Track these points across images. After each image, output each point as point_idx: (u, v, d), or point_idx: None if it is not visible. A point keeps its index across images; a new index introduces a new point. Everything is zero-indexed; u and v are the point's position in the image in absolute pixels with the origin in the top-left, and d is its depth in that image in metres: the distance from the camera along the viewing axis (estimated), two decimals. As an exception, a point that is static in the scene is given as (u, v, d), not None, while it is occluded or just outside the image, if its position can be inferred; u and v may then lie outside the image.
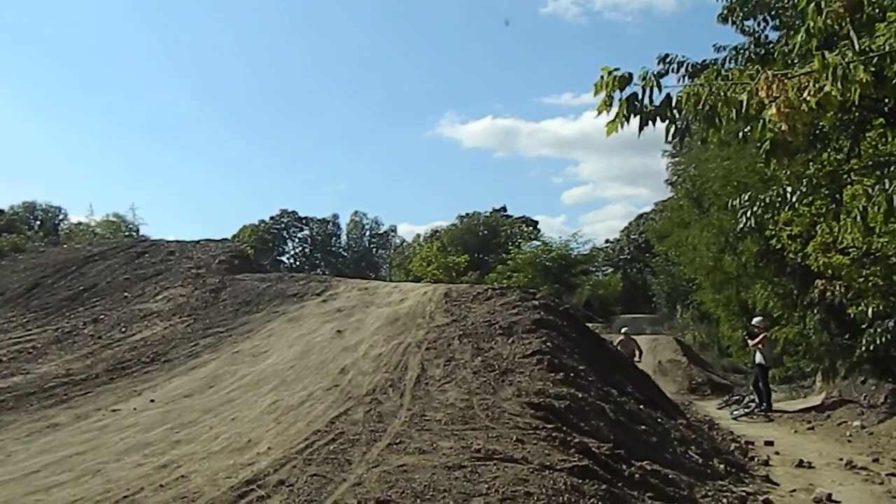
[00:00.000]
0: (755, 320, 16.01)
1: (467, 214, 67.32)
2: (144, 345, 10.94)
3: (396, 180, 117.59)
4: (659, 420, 9.06)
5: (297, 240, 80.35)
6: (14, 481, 5.59)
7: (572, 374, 8.26)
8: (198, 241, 18.60)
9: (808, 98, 4.25)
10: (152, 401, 7.97)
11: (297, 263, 73.70)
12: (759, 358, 15.29)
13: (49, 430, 7.48)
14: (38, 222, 54.32)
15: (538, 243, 51.05)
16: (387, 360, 8.54)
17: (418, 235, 76.17)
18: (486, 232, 64.21)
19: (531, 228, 65.81)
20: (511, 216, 70.22)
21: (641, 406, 9.13)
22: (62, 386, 9.21)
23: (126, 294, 14.39)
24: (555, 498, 5.31)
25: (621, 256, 59.43)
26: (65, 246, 20.84)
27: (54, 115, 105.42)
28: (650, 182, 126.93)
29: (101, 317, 12.96)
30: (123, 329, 12.07)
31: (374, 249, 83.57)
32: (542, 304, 10.57)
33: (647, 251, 47.04)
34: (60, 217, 60.96)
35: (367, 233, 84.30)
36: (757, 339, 15.32)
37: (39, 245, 22.88)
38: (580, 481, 5.69)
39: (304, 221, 79.74)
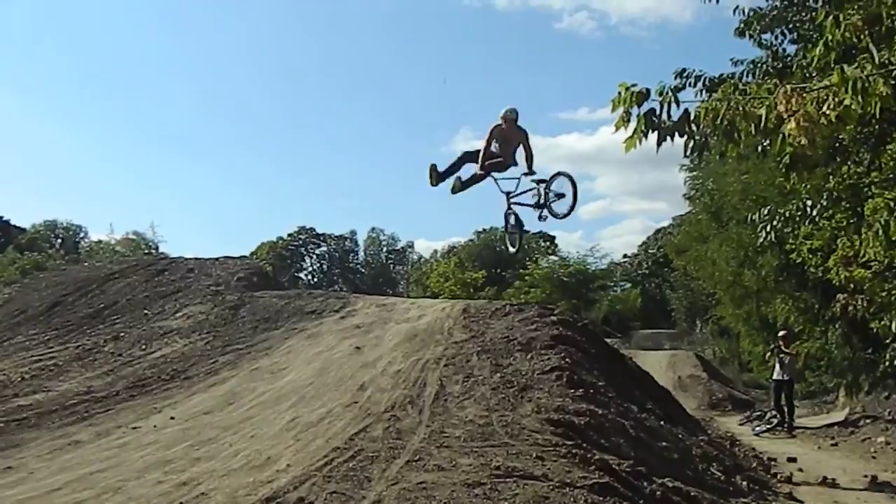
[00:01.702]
0: (780, 333, 15.82)
1: (484, 230, 67.24)
2: (164, 362, 11.00)
3: (413, 196, 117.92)
4: (680, 436, 8.97)
5: (315, 256, 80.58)
6: (36, 499, 5.63)
7: (591, 391, 8.21)
8: (217, 259, 18.71)
9: (828, 112, 4.22)
10: (172, 418, 8.00)
11: (316, 280, 73.81)
12: (777, 374, 15.11)
13: (70, 447, 7.54)
14: (60, 240, 54.73)
15: (555, 259, 50.96)
16: (405, 376, 8.53)
17: (435, 251, 76.14)
18: (503, 248, 64.09)
19: (548, 244, 65.69)
20: (528, 231, 69.95)
21: (662, 422, 9.05)
22: (83, 403, 9.28)
23: (146, 312, 14.49)
24: (575, 516, 5.28)
25: (639, 271, 59.03)
26: (85, 264, 21.04)
27: (75, 132, 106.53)
28: (668, 196, 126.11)
29: (122, 334, 13.06)
30: (143, 346, 12.14)
31: (392, 265, 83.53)
32: (561, 319, 10.53)
33: (666, 266, 46.70)
34: (81, 235, 61.39)
35: (385, 249, 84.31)
36: (786, 347, 15.09)
37: (61, 263, 23.09)
38: (601, 499, 5.65)
39: (321, 238, 79.95)
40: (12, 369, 11.41)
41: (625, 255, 65.03)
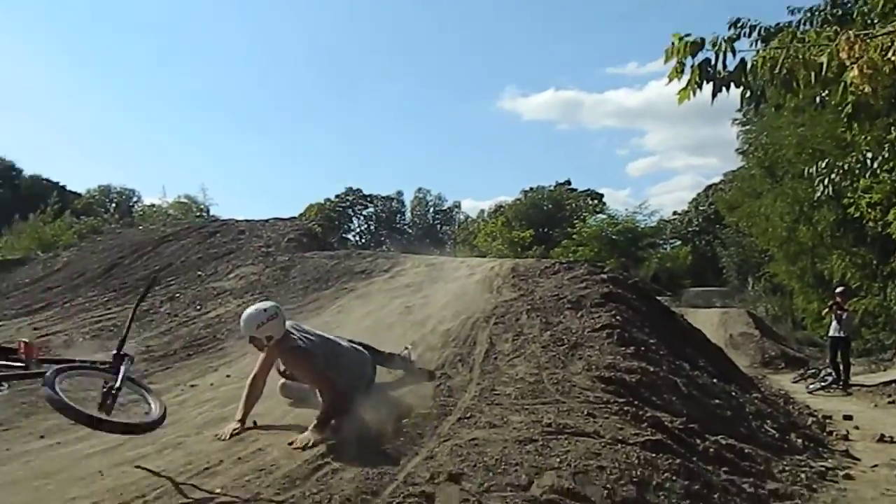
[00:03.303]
0: (838, 290, 15.48)
1: (531, 189, 66.90)
2: (219, 322, 11.19)
3: (459, 155, 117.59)
4: (733, 394, 8.87)
5: (362, 217, 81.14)
6: (101, 453, 5.80)
7: (643, 348, 8.14)
8: (267, 221, 18.89)
9: (892, 58, 4.06)
10: (228, 376, 8.16)
11: (363, 241, 74.43)
12: (834, 331, 14.84)
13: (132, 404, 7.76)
14: (114, 205, 55.95)
15: (604, 217, 50.48)
16: (455, 335, 8.56)
17: (482, 211, 76.11)
18: (550, 206, 63.72)
19: (596, 202, 65.09)
20: (575, 190, 69.49)
21: (714, 380, 8.96)
22: (142, 362, 9.49)
23: (200, 273, 14.74)
24: (628, 472, 5.28)
25: (690, 228, 58.19)
26: (140, 227, 21.46)
27: (128, 99, 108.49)
28: (719, 152, 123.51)
29: (177, 295, 13.32)
30: (198, 307, 12.37)
31: (439, 226, 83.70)
32: (611, 277, 10.43)
33: (717, 223, 46.01)
34: (134, 199, 62.80)
35: (431, 209, 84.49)
36: (843, 304, 14.79)
37: (115, 227, 23.59)
38: (653, 455, 5.64)
39: (368, 199, 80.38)
40: (74, 330, 11.74)
41: (675, 212, 64.17)
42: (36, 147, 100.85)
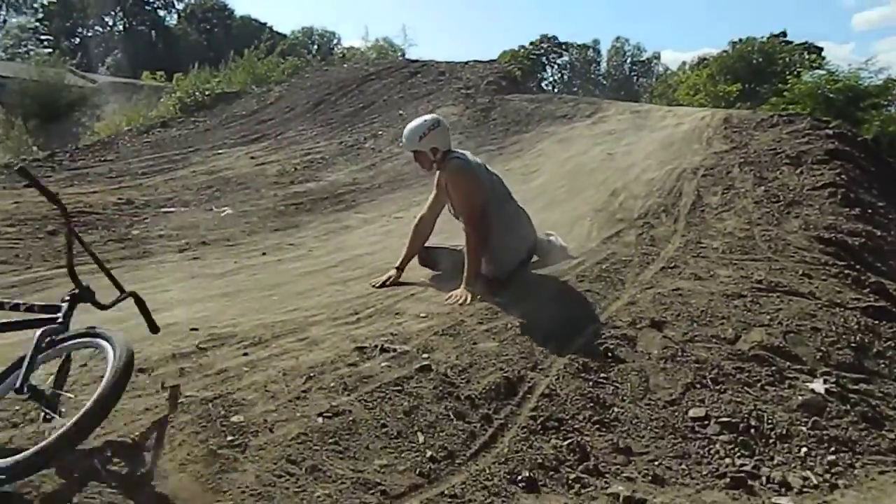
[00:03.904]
0: None
1: (740, 40, 61.56)
2: (420, 160, 11.44)
3: (662, 2, 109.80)
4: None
5: (556, 66, 78.87)
6: (317, 272, 6.23)
7: (869, 210, 7.47)
8: (466, 63, 18.74)
9: None
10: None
11: (555, 90, 72.77)
12: None
13: (342, 231, 8.24)
14: (315, 47, 57.83)
15: (822, 72, 45.87)
16: (660, 184, 8.24)
17: (684, 63, 71.47)
18: (760, 60, 58.58)
19: (814, 56, 59.17)
20: (791, 42, 63.31)
21: (948, 250, 8.13)
22: (350, 193, 10.01)
23: (401, 112, 15.01)
24: (845, 337, 4.98)
25: (923, 88, 51.84)
26: (345, 66, 22.00)
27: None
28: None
29: (380, 133, 13.70)
30: (400, 144, 12.69)
31: (635, 77, 79.86)
32: (837, 133, 9.47)
33: (956, 81, 40.57)
34: (334, 42, 64.54)
35: (629, 60, 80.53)
36: None
37: (324, 65, 24.35)
38: (875, 322, 5.27)
39: (563, 47, 77.70)
40: (286, 160, 12.46)
41: (906, 70, 57.14)
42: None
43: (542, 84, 72.40)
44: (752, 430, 3.94)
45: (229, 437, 3.15)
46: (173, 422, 3.24)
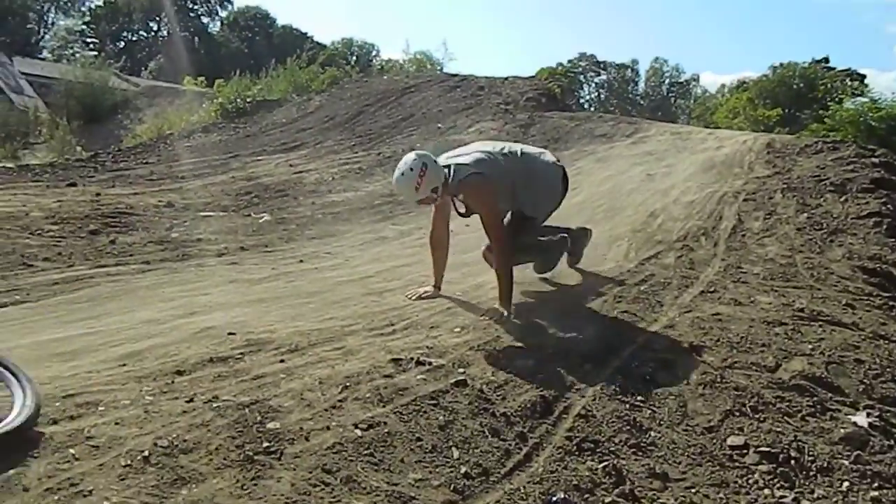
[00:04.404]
0: None
1: (781, 65, 60.98)
2: (459, 173, 11.46)
3: (702, 24, 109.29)
4: None
5: (593, 84, 78.71)
6: (354, 282, 6.25)
7: (916, 242, 7.32)
8: (506, 78, 18.79)
9: None
10: (467, 225, 8.37)
11: (592, 108, 72.58)
12: None
13: (378, 241, 8.26)
14: (354, 58, 58.24)
15: (864, 100, 45.25)
16: (700, 207, 8.14)
17: (723, 86, 70.88)
18: (801, 85, 57.98)
19: (856, 83, 58.37)
20: (833, 68, 62.60)
21: None
22: (387, 204, 10.04)
23: (439, 125, 15.08)
24: (890, 370, 4.86)
25: (969, 120, 50.87)
26: (384, 77, 22.14)
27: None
28: None
29: (418, 145, 13.72)
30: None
31: (673, 99, 79.40)
32: (884, 162, 9.31)
33: None
34: (374, 53, 65.00)
35: (667, 80, 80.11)
36: None
37: (363, 76, 24.53)
38: (921, 357, 5.13)
39: (602, 65, 77.59)
40: (324, 169, 12.56)
41: (952, 101, 56.08)
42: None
43: (580, 102, 72.36)
44: (792, 462, 3.85)
45: (265, 444, 3.15)
46: (210, 425, 3.25)
